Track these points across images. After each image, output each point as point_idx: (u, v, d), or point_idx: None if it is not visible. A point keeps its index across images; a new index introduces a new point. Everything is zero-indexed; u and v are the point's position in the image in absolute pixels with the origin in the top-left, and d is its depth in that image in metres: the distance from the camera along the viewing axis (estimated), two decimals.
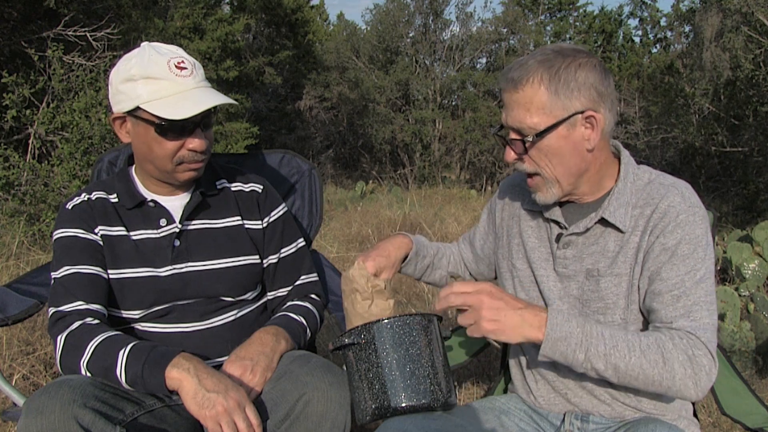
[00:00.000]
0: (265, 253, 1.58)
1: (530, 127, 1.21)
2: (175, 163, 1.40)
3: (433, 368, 1.21)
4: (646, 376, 1.12)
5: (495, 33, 16.11)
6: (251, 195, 1.58)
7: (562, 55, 1.20)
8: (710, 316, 1.18)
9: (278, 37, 15.56)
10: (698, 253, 1.20)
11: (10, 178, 5.23)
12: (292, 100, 16.03)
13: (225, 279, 1.47)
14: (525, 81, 1.19)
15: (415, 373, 1.19)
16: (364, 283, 1.49)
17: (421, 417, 1.17)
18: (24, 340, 2.85)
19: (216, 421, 1.18)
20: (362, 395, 1.22)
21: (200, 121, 1.39)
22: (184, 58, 1.39)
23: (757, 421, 1.45)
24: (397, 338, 1.20)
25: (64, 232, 1.43)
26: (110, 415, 1.17)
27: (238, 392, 1.22)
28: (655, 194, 1.25)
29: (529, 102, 1.20)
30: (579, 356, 1.12)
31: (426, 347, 1.21)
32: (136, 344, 1.27)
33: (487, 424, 1.33)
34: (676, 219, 1.21)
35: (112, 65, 6.30)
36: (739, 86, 11.26)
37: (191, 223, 1.49)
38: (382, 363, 1.19)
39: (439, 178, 14.69)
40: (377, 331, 1.21)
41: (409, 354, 1.19)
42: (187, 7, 9.52)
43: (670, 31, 17.03)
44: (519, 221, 1.44)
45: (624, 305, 1.26)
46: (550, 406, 1.37)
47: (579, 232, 1.30)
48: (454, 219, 7.44)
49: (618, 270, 1.26)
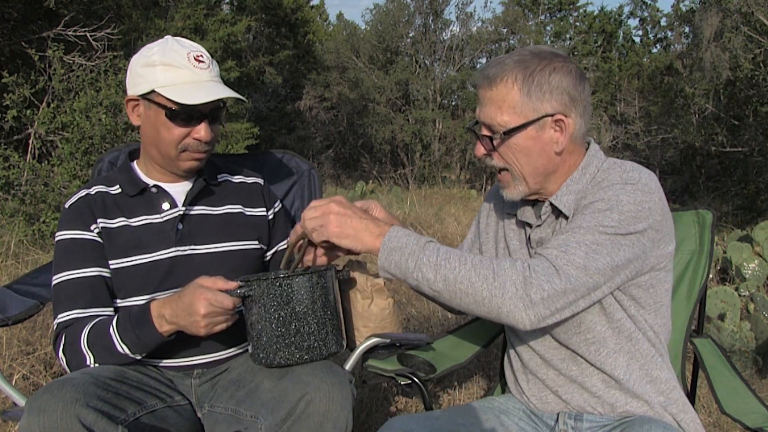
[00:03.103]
0: (273, 240, 1.63)
1: (500, 124, 1.23)
2: (180, 150, 1.45)
3: (319, 324, 1.26)
4: (475, 290, 1.09)
5: (495, 33, 16.12)
6: (254, 186, 1.64)
7: (539, 58, 1.22)
8: (585, 258, 1.10)
9: (278, 37, 15.57)
10: (613, 214, 1.15)
11: (10, 178, 5.23)
12: (292, 100, 16.03)
13: (226, 263, 1.50)
14: (499, 80, 1.22)
15: (300, 331, 1.25)
16: (364, 282, 1.49)
17: (424, 417, 1.17)
18: (24, 340, 2.85)
19: (209, 334, 1.28)
20: (252, 342, 1.28)
21: (209, 114, 1.44)
22: (203, 54, 1.47)
23: (756, 421, 1.45)
24: (285, 296, 1.24)
25: (62, 234, 1.46)
26: (112, 414, 1.17)
27: (197, 306, 1.25)
28: (601, 178, 1.25)
29: (501, 100, 1.23)
30: (410, 264, 1.13)
31: (314, 303, 1.26)
32: (116, 318, 1.35)
33: (488, 423, 1.33)
34: (601, 185, 1.22)
35: (112, 65, 6.30)
36: (738, 86, 11.26)
37: (193, 209, 1.53)
38: (270, 318, 1.24)
39: (439, 178, 14.70)
40: (267, 287, 1.24)
41: (295, 312, 1.24)
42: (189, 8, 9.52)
43: (670, 31, 17.05)
44: (503, 225, 1.45)
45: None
46: (543, 405, 1.37)
47: (538, 224, 1.32)
48: (454, 219, 7.44)
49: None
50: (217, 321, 1.26)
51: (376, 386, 2.61)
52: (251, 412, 1.33)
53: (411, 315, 3.72)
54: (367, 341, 1.48)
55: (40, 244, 4.88)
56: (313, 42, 17.19)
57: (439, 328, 3.48)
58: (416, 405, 2.57)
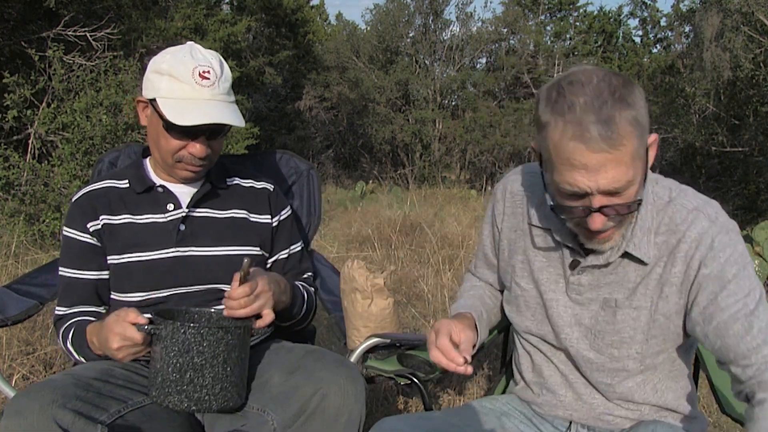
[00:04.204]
0: (275, 248, 1.62)
1: (629, 181, 1.04)
2: (175, 160, 1.45)
3: (214, 379, 1.24)
4: None
5: (495, 33, 16.10)
6: (263, 192, 1.63)
7: (625, 86, 1.03)
8: None
9: (278, 37, 15.55)
10: (748, 270, 1.10)
11: (10, 178, 5.23)
12: (292, 100, 16.01)
13: (225, 266, 1.49)
14: (620, 136, 1.00)
15: (193, 381, 1.23)
16: (364, 282, 1.49)
17: (416, 417, 1.16)
18: (24, 340, 2.85)
19: (126, 360, 1.31)
20: (150, 376, 1.28)
21: (206, 130, 1.43)
22: (212, 69, 1.43)
23: None
24: (187, 344, 1.22)
25: (65, 230, 1.51)
26: (92, 414, 1.18)
27: (110, 341, 1.27)
28: (680, 222, 1.14)
29: (626, 155, 1.01)
30: None
31: (214, 358, 1.24)
32: (72, 332, 1.44)
33: (486, 425, 1.30)
34: (711, 245, 1.11)
35: (112, 65, 6.30)
36: (739, 86, 11.25)
37: (196, 210, 1.53)
38: (168, 361, 1.23)
39: (439, 178, 14.68)
40: (172, 331, 1.23)
41: (193, 362, 1.23)
42: (189, 8, 9.50)
43: (670, 31, 17.03)
44: (523, 237, 1.31)
45: (642, 339, 1.18)
46: (555, 415, 1.31)
47: (599, 264, 1.18)
48: (454, 219, 7.43)
49: (638, 302, 1.17)
50: (133, 351, 1.28)
51: (376, 386, 2.61)
52: (259, 405, 1.33)
53: (411, 315, 3.71)
54: (367, 341, 1.48)
55: (40, 245, 4.88)
56: (313, 42, 17.17)
57: None
58: (416, 405, 2.57)
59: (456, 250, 5.39)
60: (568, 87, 1.04)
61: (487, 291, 1.48)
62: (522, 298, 1.31)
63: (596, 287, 1.21)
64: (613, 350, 1.20)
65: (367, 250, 5.48)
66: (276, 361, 1.44)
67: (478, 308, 1.39)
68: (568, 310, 1.24)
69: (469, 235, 6.11)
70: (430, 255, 5.11)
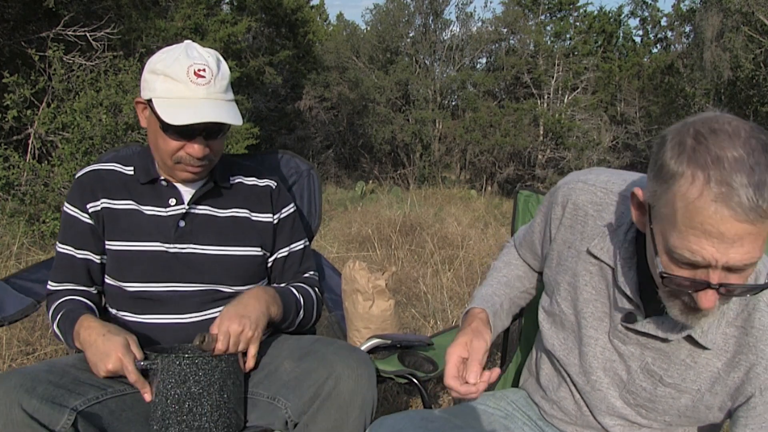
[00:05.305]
0: (275, 247, 1.60)
1: (758, 259, 0.89)
2: (174, 161, 1.44)
3: (212, 406, 1.26)
4: None
5: (495, 33, 16.09)
6: (265, 189, 1.61)
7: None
8: None
9: (278, 37, 15.55)
10: None
11: (10, 178, 5.22)
12: (292, 100, 16.01)
13: (225, 266, 1.49)
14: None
15: (192, 411, 1.25)
16: (365, 283, 1.49)
17: (419, 417, 1.15)
18: (24, 341, 2.84)
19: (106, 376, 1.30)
20: (150, 410, 1.29)
21: (204, 130, 1.40)
22: (207, 66, 1.40)
23: None
24: (183, 375, 1.24)
25: (66, 206, 1.52)
26: (63, 401, 1.18)
27: (107, 362, 1.28)
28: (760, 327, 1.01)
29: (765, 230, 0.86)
30: None
31: (210, 386, 1.26)
32: (60, 315, 1.44)
33: (489, 427, 1.28)
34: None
35: (112, 65, 6.29)
36: (739, 86, 11.26)
37: (197, 207, 1.52)
38: (166, 394, 1.24)
39: (439, 178, 14.68)
40: (167, 365, 1.24)
41: (190, 392, 1.25)
42: (189, 8, 9.50)
43: (670, 31, 17.02)
44: (576, 259, 1.16)
45: (675, 415, 1.11)
46: (563, 429, 1.27)
47: (654, 335, 1.06)
48: (454, 219, 7.44)
49: (685, 386, 1.07)
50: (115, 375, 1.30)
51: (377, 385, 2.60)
52: (269, 392, 1.34)
53: (411, 315, 3.71)
54: (368, 342, 1.48)
55: (41, 245, 4.87)
56: (313, 42, 17.17)
57: (440, 329, 3.47)
58: (417, 404, 2.56)
59: (456, 251, 5.39)
60: (712, 136, 0.86)
61: (521, 271, 1.39)
62: (559, 318, 1.21)
63: (642, 346, 1.10)
64: (641, 410, 1.13)
65: (367, 250, 5.48)
66: (285, 348, 1.43)
67: (499, 298, 1.31)
68: (606, 353, 1.14)
69: (469, 235, 6.11)
70: (430, 255, 5.11)
